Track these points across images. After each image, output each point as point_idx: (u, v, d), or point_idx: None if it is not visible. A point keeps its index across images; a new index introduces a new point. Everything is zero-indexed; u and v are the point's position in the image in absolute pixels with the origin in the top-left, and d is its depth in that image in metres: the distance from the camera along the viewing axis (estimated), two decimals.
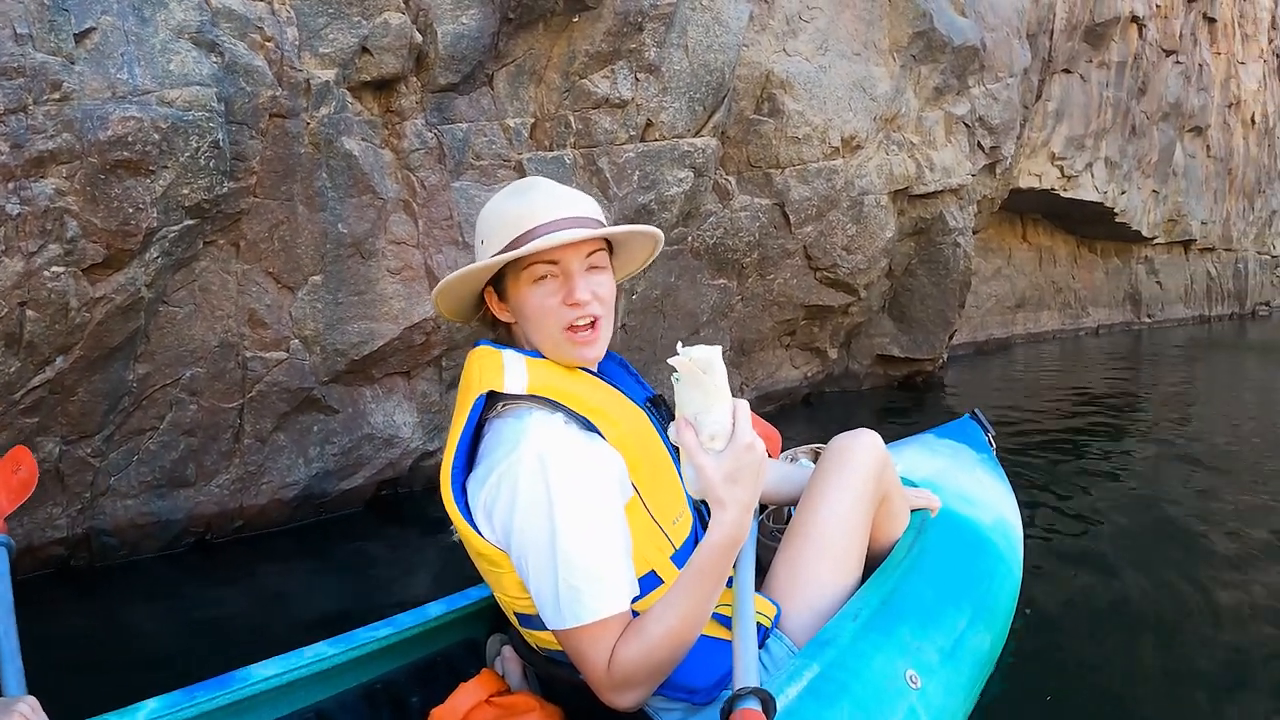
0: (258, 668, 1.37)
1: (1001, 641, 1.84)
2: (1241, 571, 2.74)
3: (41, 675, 1.40)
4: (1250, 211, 16.87)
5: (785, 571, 1.54)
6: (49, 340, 2.48)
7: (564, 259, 1.27)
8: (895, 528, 1.75)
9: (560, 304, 1.27)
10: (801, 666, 1.27)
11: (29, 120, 2.34)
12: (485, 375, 1.27)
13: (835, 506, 1.57)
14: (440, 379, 3.45)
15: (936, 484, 2.08)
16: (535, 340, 1.31)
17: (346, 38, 3.01)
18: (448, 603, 1.61)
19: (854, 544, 1.58)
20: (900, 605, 1.52)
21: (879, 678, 1.33)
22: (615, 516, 1.20)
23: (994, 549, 1.94)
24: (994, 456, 2.50)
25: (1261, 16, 16.05)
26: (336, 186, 3.02)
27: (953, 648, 1.55)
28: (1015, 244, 10.79)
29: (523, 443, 1.19)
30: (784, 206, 4.80)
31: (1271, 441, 4.80)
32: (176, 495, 2.88)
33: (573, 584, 1.14)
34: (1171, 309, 15.33)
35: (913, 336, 6.38)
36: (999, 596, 1.85)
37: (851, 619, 1.41)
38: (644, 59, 3.79)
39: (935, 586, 1.64)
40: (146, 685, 2.07)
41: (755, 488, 1.13)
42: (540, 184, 1.36)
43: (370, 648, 1.48)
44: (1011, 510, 2.23)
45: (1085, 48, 8.72)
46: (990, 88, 6.12)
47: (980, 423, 2.61)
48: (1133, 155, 10.87)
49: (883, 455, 1.66)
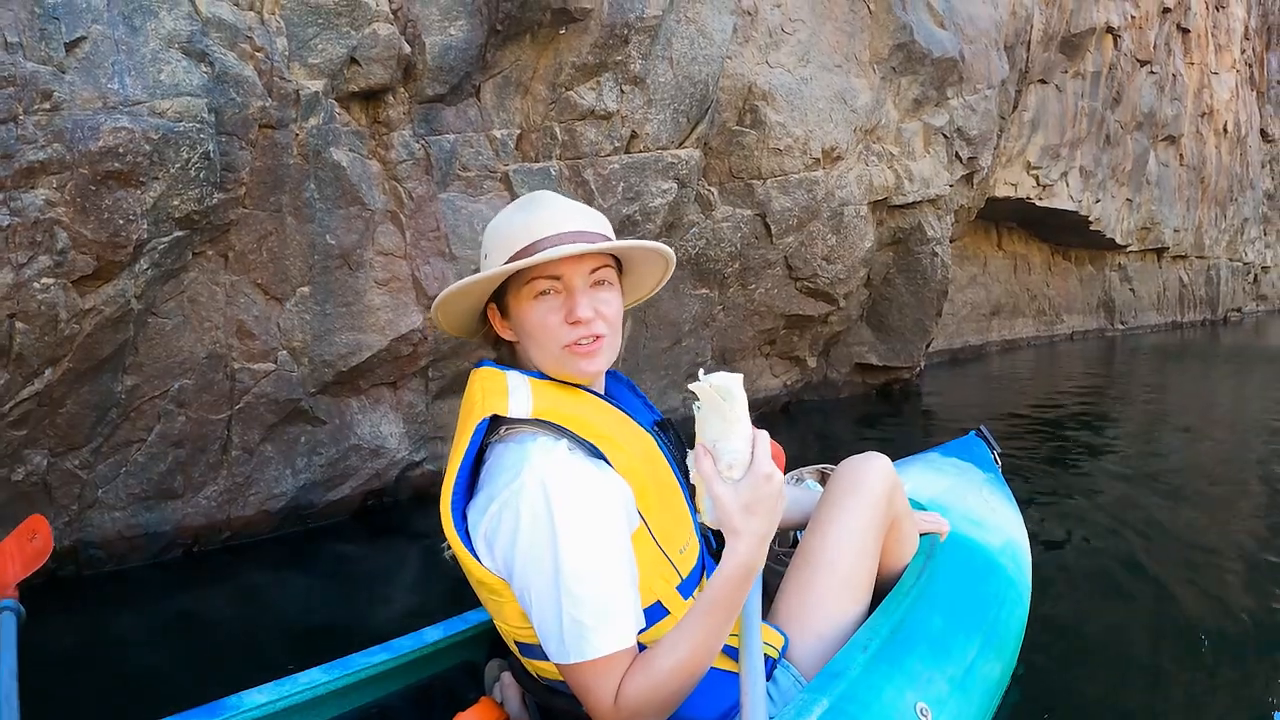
0: (249, 694, 1.34)
1: (1011, 668, 1.84)
2: (1237, 583, 2.78)
3: (29, 688, 1.39)
4: (1222, 219, 17.28)
5: (793, 600, 1.51)
6: (38, 352, 2.50)
7: (567, 274, 1.23)
8: (904, 553, 1.73)
9: (561, 321, 1.23)
10: (810, 701, 1.26)
11: (19, 130, 2.34)
12: (489, 399, 1.23)
13: (845, 532, 1.54)
14: (427, 390, 3.51)
15: (943, 505, 2.07)
16: (536, 358, 1.28)
17: (335, 48, 3.06)
18: (445, 627, 1.58)
19: (863, 571, 1.56)
20: (910, 634, 1.51)
21: (889, 711, 1.32)
22: (621, 548, 1.17)
23: (1003, 573, 1.94)
24: (1000, 475, 2.47)
25: (1235, 27, 16.50)
26: (325, 197, 3.08)
27: (963, 677, 1.54)
28: (991, 252, 11.01)
29: (525, 470, 1.15)
30: (765, 217, 4.90)
31: (1229, 456, 4.97)
32: (164, 507, 2.92)
33: (578, 619, 1.11)
34: (1145, 315, 15.69)
35: (891, 345, 6.52)
36: (1009, 622, 1.84)
37: (861, 649, 1.40)
38: (629, 71, 3.87)
39: (945, 614, 1.64)
40: (133, 697, 2.13)
41: (772, 520, 1.11)
42: (548, 198, 1.32)
43: (366, 673, 1.45)
44: (1020, 532, 2.21)
45: (1061, 58, 8.94)
46: (968, 99, 6.28)
47: (986, 440, 2.58)
48: (1107, 164, 11.14)
49: (893, 480, 1.64)
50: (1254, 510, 3.69)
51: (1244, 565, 2.97)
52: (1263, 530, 3.35)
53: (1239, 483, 4.18)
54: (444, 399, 3.55)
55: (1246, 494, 3.97)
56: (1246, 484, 4.15)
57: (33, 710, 1.30)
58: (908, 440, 4.90)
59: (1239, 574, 2.89)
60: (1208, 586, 2.76)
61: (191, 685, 2.19)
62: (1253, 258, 20.53)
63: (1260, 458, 4.70)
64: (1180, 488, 3.99)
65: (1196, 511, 3.63)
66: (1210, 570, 2.91)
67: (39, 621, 2.56)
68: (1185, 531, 3.34)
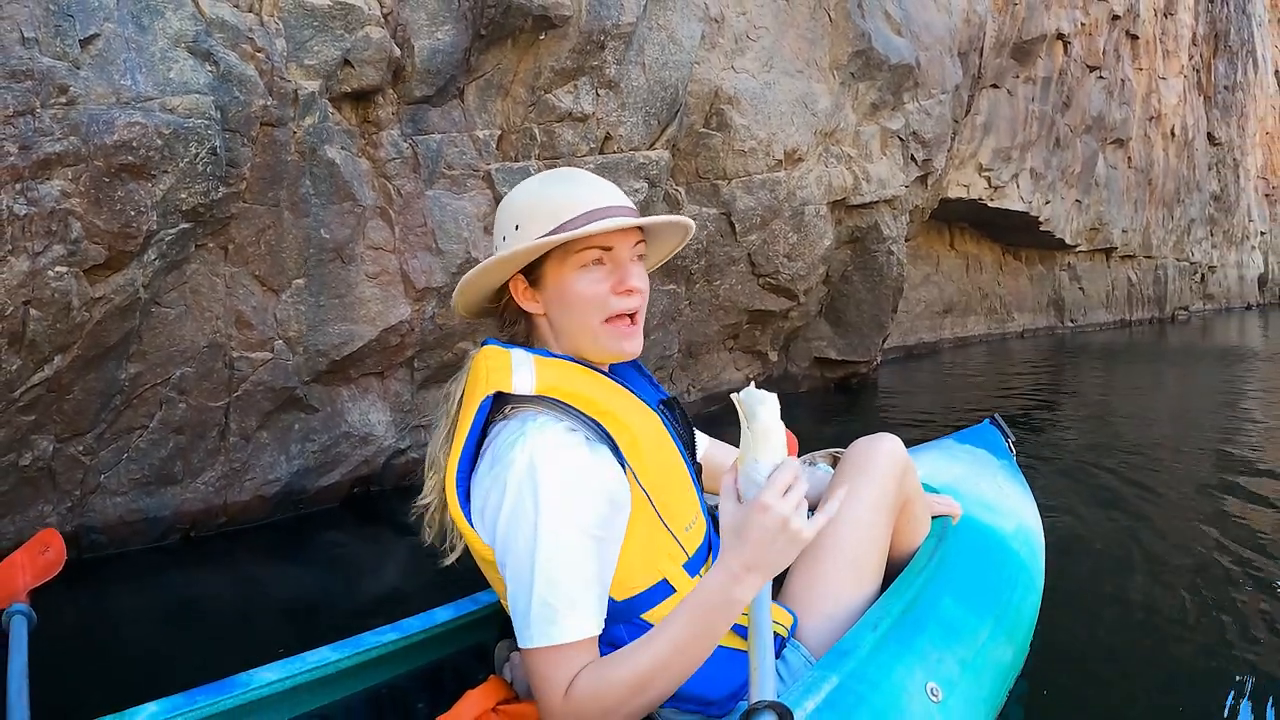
0: (259, 672, 1.37)
1: (1024, 652, 1.88)
2: (1245, 573, 2.88)
3: (38, 671, 1.47)
4: (1170, 220, 18.13)
5: (803, 579, 1.55)
6: (50, 339, 2.69)
7: (618, 246, 1.29)
8: (916, 535, 1.76)
9: (609, 291, 1.29)
10: (820, 678, 1.28)
11: (36, 123, 2.48)
12: (492, 376, 1.27)
13: (855, 513, 1.57)
14: (412, 379, 3.77)
15: (957, 490, 2.11)
16: (571, 329, 1.32)
17: (330, 50, 3.30)
18: (456, 607, 1.61)
19: (874, 552, 1.59)
20: (921, 615, 1.54)
21: (899, 690, 1.35)
22: (593, 540, 1.19)
23: (1016, 557, 1.98)
24: (1014, 462, 2.54)
25: (1182, 33, 17.35)
26: (319, 193, 3.32)
27: (974, 659, 1.57)
28: (944, 252, 11.57)
29: (517, 447, 1.19)
30: (730, 216, 5.26)
31: (1176, 446, 5.44)
32: (164, 492, 3.14)
33: (549, 601, 1.14)
34: (1094, 314, 16.46)
35: (848, 340, 6.93)
36: (1021, 606, 1.87)
37: (871, 629, 1.42)
38: (605, 75, 4.18)
39: (957, 596, 1.66)
40: (137, 676, 2.30)
41: (761, 555, 1.09)
42: (583, 174, 1.38)
43: (376, 653, 1.49)
44: (1033, 518, 2.26)
45: (1013, 64, 9.49)
46: (924, 103, 6.71)
47: (1000, 428, 2.65)
48: (1057, 166, 11.79)
49: (904, 460, 1.67)
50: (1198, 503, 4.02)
51: (1247, 555, 3.07)
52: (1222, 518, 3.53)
53: (1186, 479, 4.60)
54: (428, 388, 3.82)
55: (1189, 488, 4.38)
56: (1197, 477, 4.57)
57: (40, 689, 1.37)
58: (864, 432, 5.27)
59: (1245, 565, 2.98)
60: (1211, 579, 2.84)
61: (193, 666, 2.25)
62: (1199, 258, 21.37)
63: (1192, 451, 5.16)
64: (1149, 476, 4.23)
65: (1144, 497, 3.88)
66: (1213, 564, 3.01)
67: (43, 602, 2.78)
68: (1145, 515, 3.55)
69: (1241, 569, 2.92)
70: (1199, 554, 3.09)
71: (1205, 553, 3.10)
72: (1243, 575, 2.86)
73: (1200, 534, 3.33)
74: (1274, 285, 30.08)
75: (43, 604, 1.86)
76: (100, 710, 1.24)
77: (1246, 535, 3.27)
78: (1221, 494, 3.95)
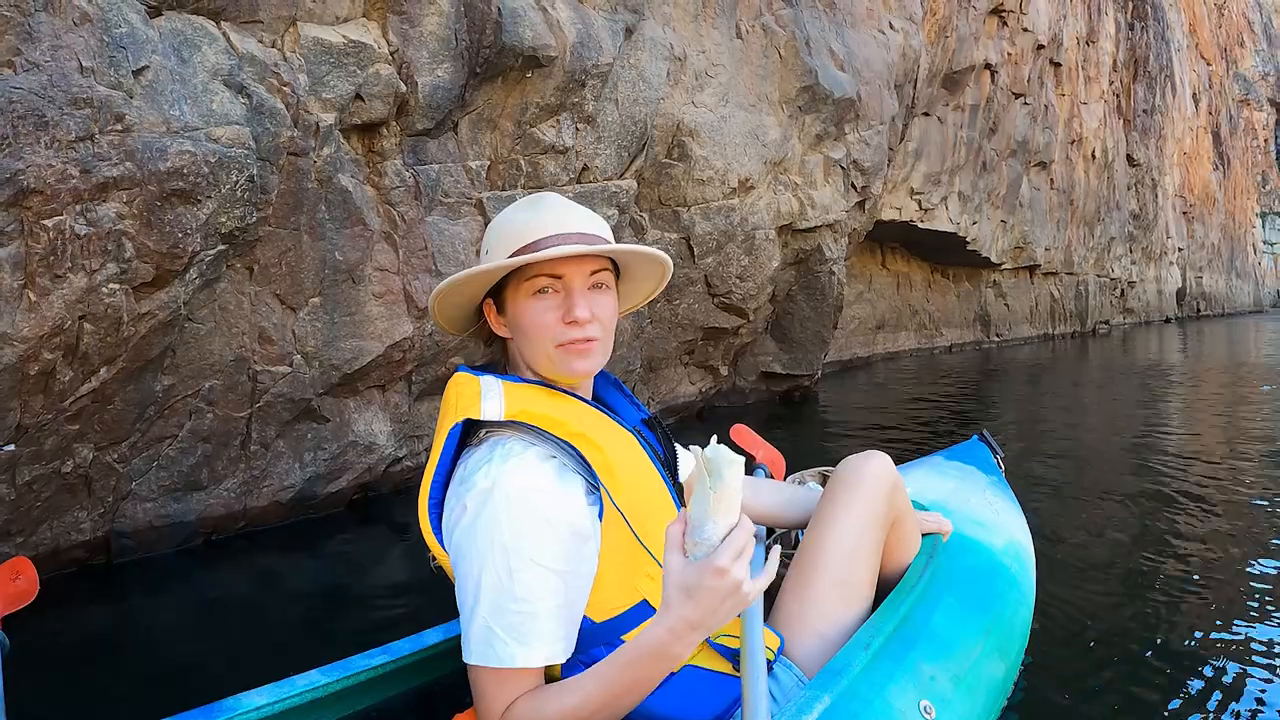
0: (247, 696, 1.41)
1: (1016, 668, 1.94)
2: (1239, 582, 3.04)
3: (68, 677, 1.64)
4: (1090, 238, 19.51)
5: (794, 599, 1.59)
6: (100, 352, 3.06)
7: (567, 274, 1.33)
8: (907, 552, 1.80)
9: (558, 320, 1.33)
10: (812, 698, 1.31)
11: (95, 148, 2.77)
12: (461, 403, 1.33)
13: (844, 531, 1.62)
14: (410, 392, 4.25)
15: (946, 507, 2.19)
16: (528, 356, 1.38)
17: (345, 85, 3.77)
18: (446, 629, 1.65)
19: (864, 570, 1.63)
20: (913, 633, 1.58)
21: (892, 709, 1.38)
22: (554, 572, 1.22)
23: (1006, 573, 2.04)
24: (1003, 478, 2.61)
25: (1104, 60, 18.76)
26: (334, 218, 3.79)
27: (967, 676, 1.61)
28: (876, 271, 12.50)
29: (481, 470, 1.25)
30: (690, 240, 5.88)
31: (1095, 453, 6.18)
32: (190, 498, 3.54)
33: (489, 625, 1.19)
34: (1018, 328, 17.60)
35: (793, 355, 7.63)
36: (1013, 621, 1.93)
37: (863, 647, 1.45)
38: (584, 111, 4.74)
39: (948, 613, 1.71)
40: (166, 680, 2.41)
41: (711, 616, 1.11)
42: (553, 199, 1.42)
43: (366, 676, 1.52)
44: (1023, 533, 2.33)
45: (943, 93, 10.42)
46: (863, 134, 7.47)
47: (988, 444, 2.73)
48: (983, 189, 12.85)
49: (893, 477, 1.71)
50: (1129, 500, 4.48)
51: (1240, 562, 3.24)
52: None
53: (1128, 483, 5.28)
54: (423, 401, 4.31)
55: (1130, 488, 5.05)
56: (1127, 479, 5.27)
57: (71, 693, 1.50)
58: (809, 438, 5.95)
59: (1240, 574, 3.13)
60: (1207, 586, 2.98)
61: (224, 666, 2.51)
62: (1119, 274, 22.72)
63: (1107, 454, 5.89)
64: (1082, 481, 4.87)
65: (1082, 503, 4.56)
66: (1207, 569, 3.17)
67: (77, 606, 2.99)
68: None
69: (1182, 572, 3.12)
70: (1150, 559, 3.29)
71: (1155, 561, 3.28)
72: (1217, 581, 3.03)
73: (1129, 533, 3.61)
74: (1191, 299, 32.19)
75: (79, 610, 2.04)
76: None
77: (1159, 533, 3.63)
78: (1136, 491, 4.37)
